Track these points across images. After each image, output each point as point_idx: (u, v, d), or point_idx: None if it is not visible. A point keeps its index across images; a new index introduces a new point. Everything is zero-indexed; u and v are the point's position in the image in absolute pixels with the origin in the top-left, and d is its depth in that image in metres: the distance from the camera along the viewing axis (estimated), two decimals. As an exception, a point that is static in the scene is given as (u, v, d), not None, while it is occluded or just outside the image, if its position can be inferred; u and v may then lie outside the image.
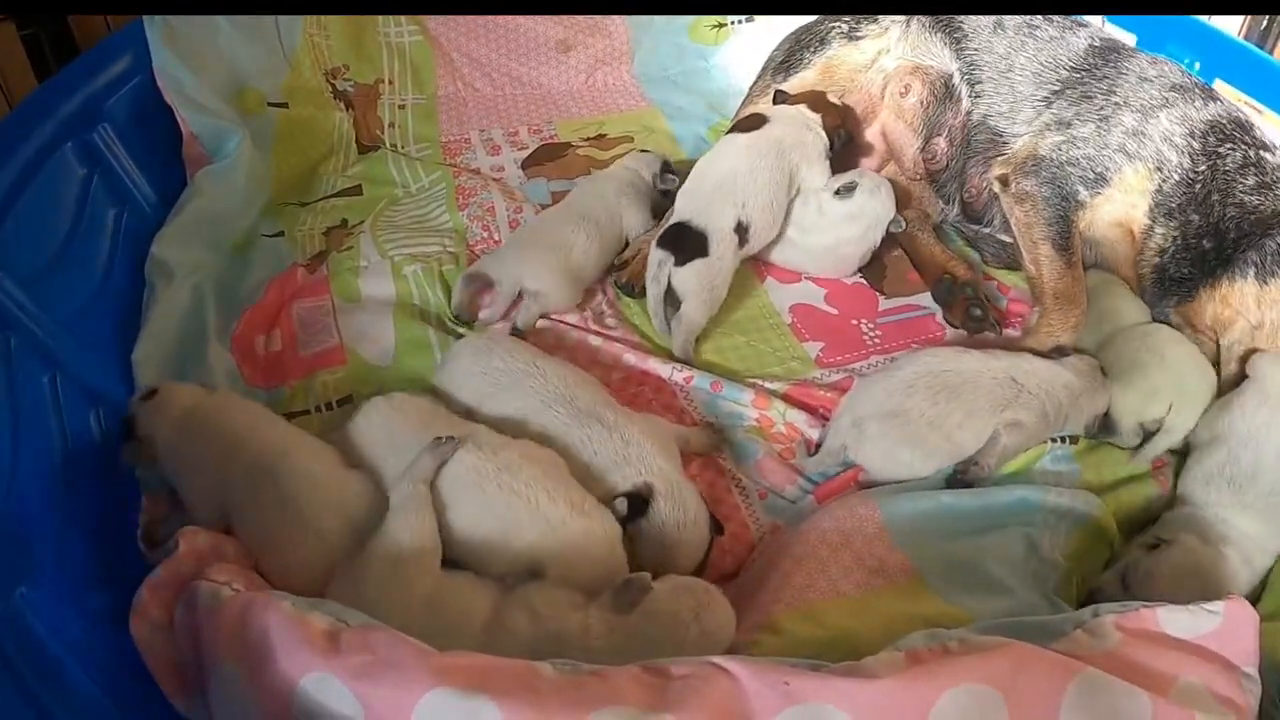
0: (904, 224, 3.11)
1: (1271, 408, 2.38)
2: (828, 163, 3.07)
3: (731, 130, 3.12)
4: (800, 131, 3.03)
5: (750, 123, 3.06)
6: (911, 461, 2.39)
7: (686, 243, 2.77)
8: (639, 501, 2.13)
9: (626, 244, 3.09)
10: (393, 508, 1.98)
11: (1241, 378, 2.56)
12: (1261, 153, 2.71)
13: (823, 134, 3.06)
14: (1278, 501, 2.29)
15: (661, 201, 3.15)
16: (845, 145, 3.15)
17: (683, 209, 2.87)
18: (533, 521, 1.99)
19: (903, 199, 3.16)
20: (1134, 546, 2.26)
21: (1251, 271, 2.58)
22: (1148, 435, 2.52)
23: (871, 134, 3.38)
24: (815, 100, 3.15)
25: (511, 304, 2.77)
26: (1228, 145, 2.71)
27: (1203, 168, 2.70)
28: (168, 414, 2.19)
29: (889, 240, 3.13)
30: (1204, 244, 2.68)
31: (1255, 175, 2.67)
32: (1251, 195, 2.64)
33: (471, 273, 2.81)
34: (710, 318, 2.82)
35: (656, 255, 2.78)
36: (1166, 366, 2.59)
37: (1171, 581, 2.08)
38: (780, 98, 3.22)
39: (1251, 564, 2.21)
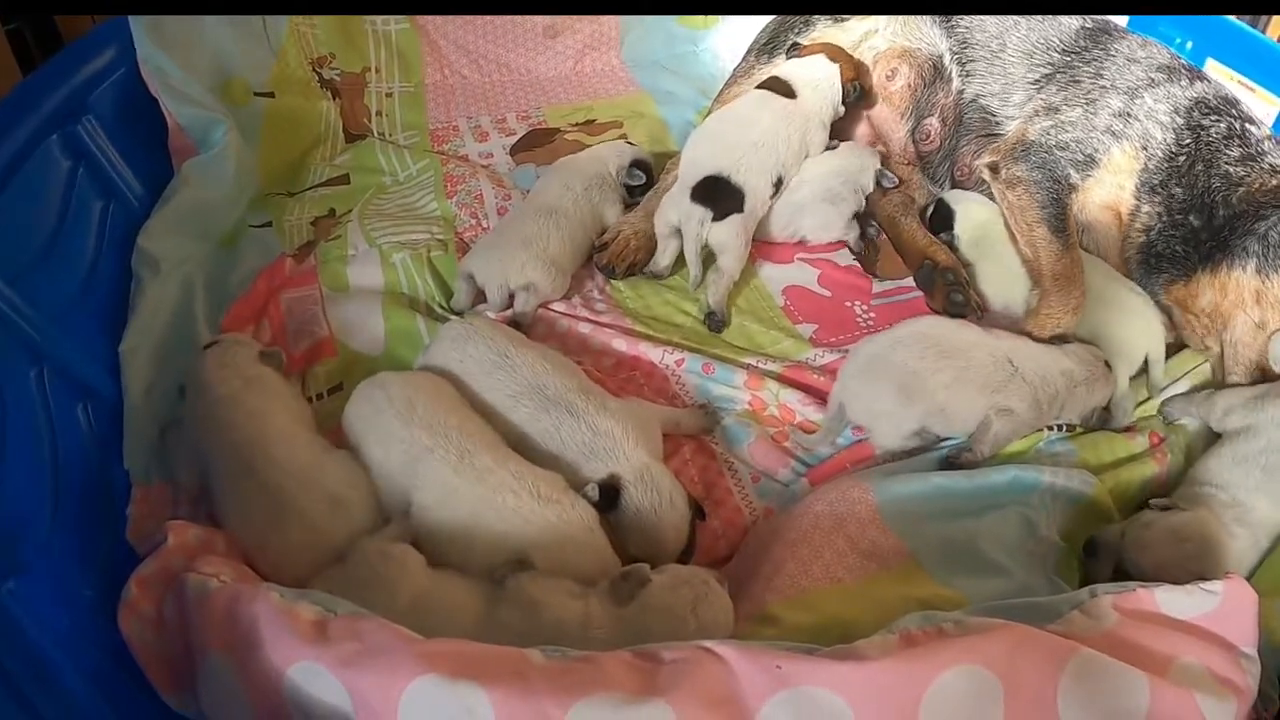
0: (897, 180, 3.13)
1: None
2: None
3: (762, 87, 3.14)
4: (824, 103, 3.09)
5: (778, 86, 3.08)
6: (890, 407, 2.39)
7: (722, 197, 2.79)
8: (609, 492, 2.14)
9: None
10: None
11: (1254, 376, 2.58)
12: (1247, 125, 2.72)
13: (839, 86, 3.10)
14: None
15: (626, 197, 3.14)
16: (858, 101, 3.18)
17: (709, 161, 2.86)
18: (502, 519, 2.01)
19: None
20: (1149, 505, 2.24)
21: (1253, 263, 2.57)
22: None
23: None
24: (833, 51, 3.15)
25: (506, 301, 2.76)
26: (1212, 117, 2.72)
27: (1187, 141, 2.71)
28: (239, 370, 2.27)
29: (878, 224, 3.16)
30: (1191, 220, 2.67)
31: (1240, 146, 2.67)
32: (1236, 166, 2.65)
33: (465, 271, 2.80)
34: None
35: (694, 211, 2.78)
36: (1124, 316, 2.68)
37: (1170, 541, 2.08)
38: (793, 49, 3.22)
39: (1259, 547, 2.21)
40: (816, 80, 3.09)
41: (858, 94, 3.15)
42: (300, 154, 3.46)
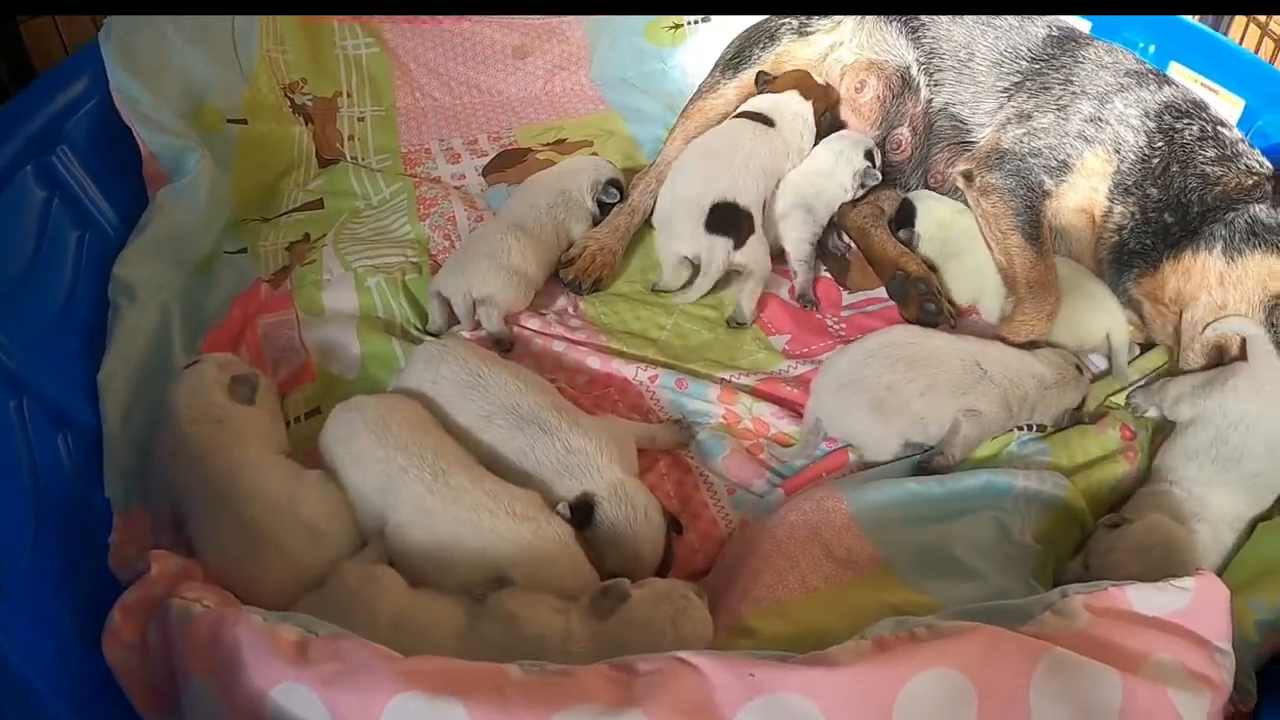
0: (879, 176, 3.14)
1: (1265, 399, 2.40)
2: None
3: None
4: (801, 136, 3.14)
5: (755, 118, 3.12)
6: (871, 427, 2.42)
7: (736, 224, 2.84)
8: (582, 509, 2.16)
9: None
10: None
11: (1211, 357, 2.60)
12: (1219, 128, 2.76)
13: (813, 124, 3.16)
14: (1260, 484, 2.32)
15: (597, 214, 3.17)
16: (831, 128, 3.21)
17: (708, 190, 2.88)
18: (479, 538, 2.02)
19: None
20: (1098, 526, 2.26)
21: (1219, 246, 2.60)
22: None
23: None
24: (803, 84, 3.19)
25: (473, 314, 2.77)
26: (1184, 120, 2.76)
27: (1160, 143, 2.74)
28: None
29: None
30: (1165, 218, 2.71)
31: (1214, 148, 2.71)
32: (1213, 166, 2.68)
33: (434, 291, 2.82)
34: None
35: (717, 244, 2.82)
36: (1082, 299, 2.76)
37: (1135, 556, 2.09)
38: (762, 78, 3.25)
39: (1220, 541, 2.23)
40: (792, 116, 3.13)
41: (831, 124, 3.20)
42: (274, 179, 3.47)
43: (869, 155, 3.12)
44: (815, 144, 3.17)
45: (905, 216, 3.08)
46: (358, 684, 1.56)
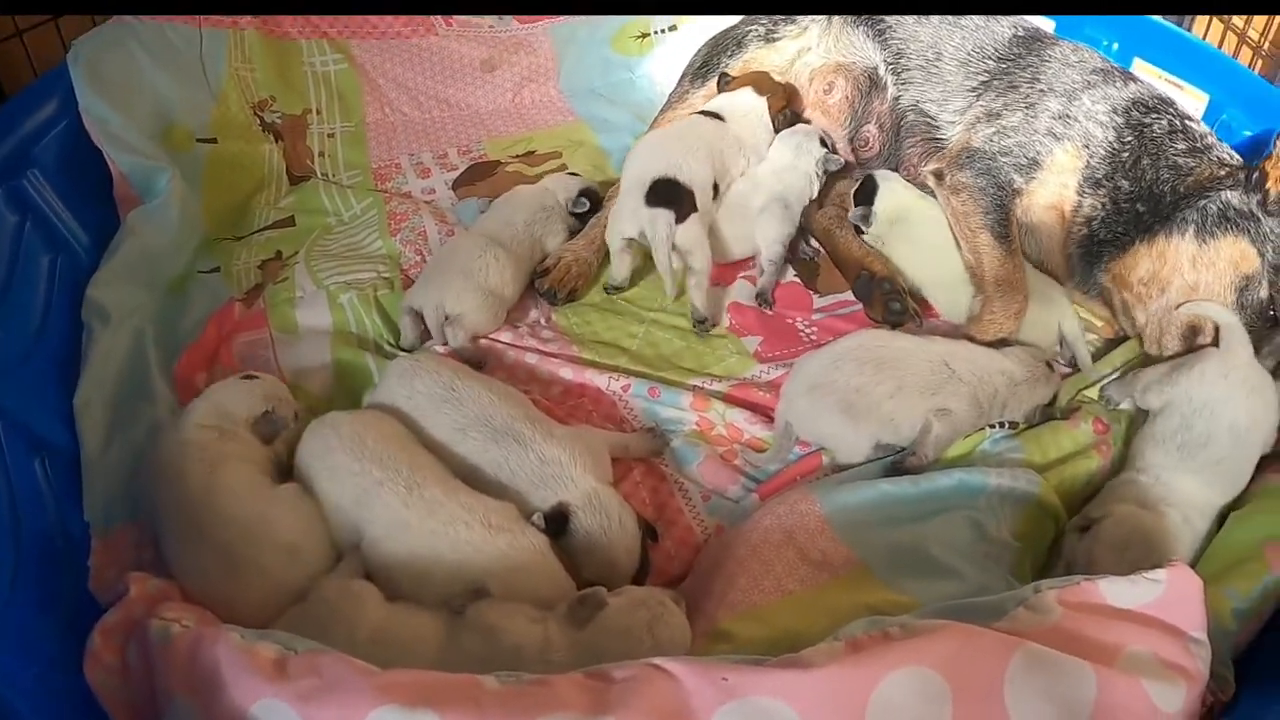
0: (842, 161, 3.17)
1: (1231, 384, 2.41)
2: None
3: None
4: (753, 133, 3.18)
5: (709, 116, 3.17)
6: (841, 430, 2.44)
7: (678, 197, 2.84)
8: (556, 520, 2.17)
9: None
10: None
11: (1186, 339, 2.63)
12: (1187, 121, 2.80)
13: (767, 117, 3.19)
14: (1224, 470, 2.34)
15: (575, 225, 3.20)
16: (792, 125, 3.23)
17: (651, 167, 2.91)
18: (455, 550, 2.03)
19: (824, 195, 3.24)
20: (1068, 534, 2.29)
21: (1191, 230, 2.63)
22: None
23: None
24: (760, 82, 3.22)
25: (442, 332, 2.78)
26: (1152, 115, 2.79)
27: (1129, 138, 2.77)
28: None
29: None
30: (1137, 208, 2.74)
31: (1184, 141, 2.74)
32: (1184, 158, 2.72)
33: (406, 306, 2.83)
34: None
35: (658, 215, 2.81)
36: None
37: (1115, 555, 2.11)
38: (725, 80, 3.28)
39: (1191, 524, 2.24)
40: (745, 111, 3.17)
41: (790, 120, 3.22)
42: (245, 198, 3.46)
43: (824, 143, 3.17)
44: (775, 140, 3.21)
45: (866, 193, 3.08)
46: (336, 699, 1.57)
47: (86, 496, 2.31)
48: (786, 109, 3.22)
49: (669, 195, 2.83)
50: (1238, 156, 2.74)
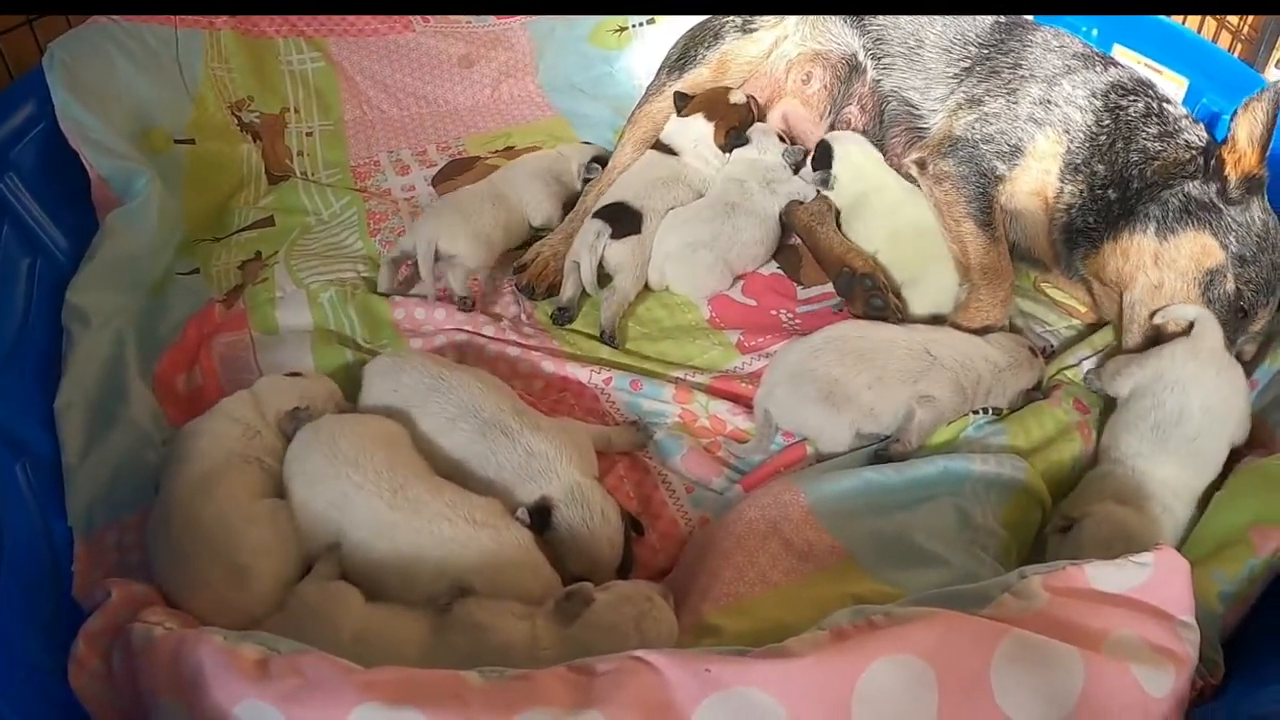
0: (802, 151, 3.19)
1: (1201, 362, 2.43)
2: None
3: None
4: (703, 162, 3.22)
5: (661, 148, 3.26)
6: (821, 419, 2.44)
7: (623, 219, 2.91)
8: (541, 514, 2.17)
9: (526, 245, 3.18)
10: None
11: (1151, 336, 2.63)
12: (1164, 104, 2.80)
13: (712, 144, 3.21)
14: (1198, 449, 2.34)
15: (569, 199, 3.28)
16: (742, 144, 3.22)
17: (617, 194, 3.02)
18: (440, 547, 2.03)
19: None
20: (1048, 534, 2.29)
21: (1152, 227, 2.64)
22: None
23: (772, 117, 3.43)
24: (711, 106, 3.25)
25: (431, 264, 2.87)
26: (1130, 98, 2.80)
27: (1107, 121, 2.78)
28: None
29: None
30: (1109, 194, 2.74)
31: (1158, 124, 2.75)
32: (1154, 142, 2.72)
33: (392, 256, 2.93)
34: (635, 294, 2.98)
35: (594, 225, 2.90)
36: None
37: (1099, 554, 2.06)
38: (680, 101, 3.28)
39: (1171, 511, 2.25)
40: (695, 139, 3.21)
41: (740, 141, 3.21)
42: (224, 198, 3.46)
43: (781, 139, 3.23)
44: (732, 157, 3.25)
45: (824, 157, 3.11)
46: (318, 698, 1.56)
47: (69, 501, 2.30)
48: (734, 130, 3.22)
49: (615, 214, 2.93)
50: (1206, 136, 2.75)
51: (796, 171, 3.16)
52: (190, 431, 2.24)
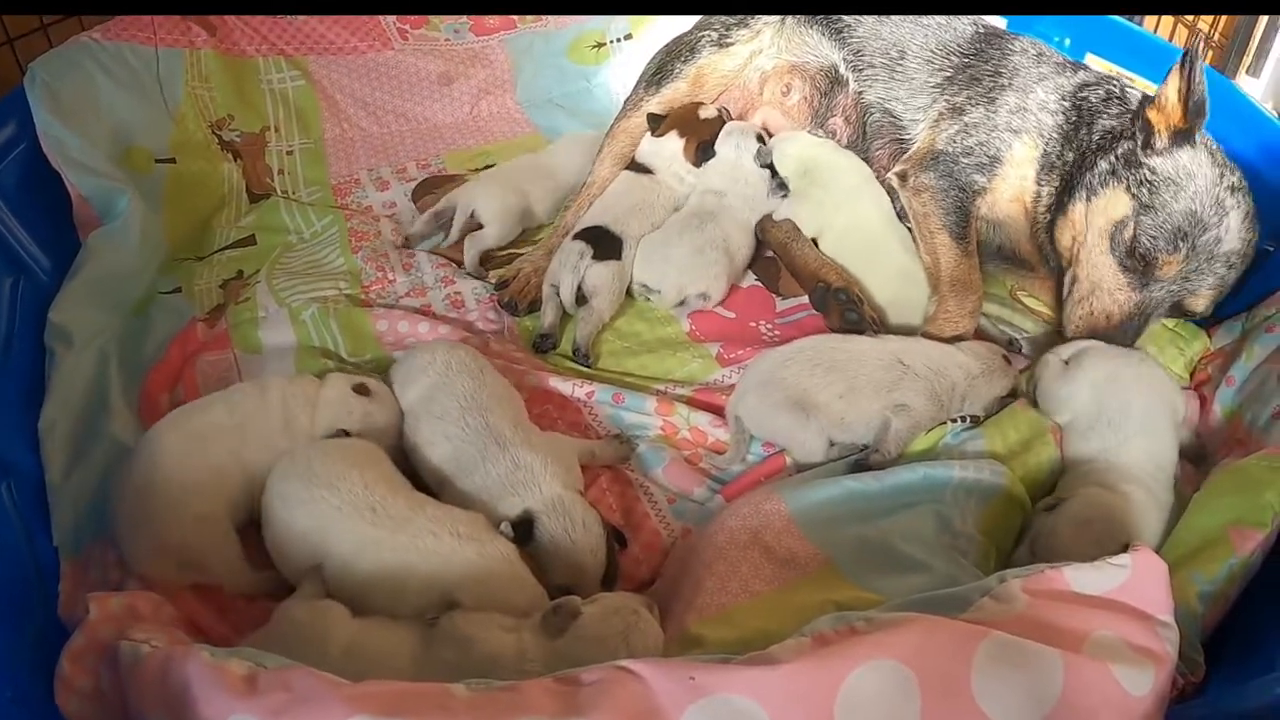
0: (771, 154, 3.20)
1: (1113, 352, 2.56)
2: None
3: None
4: (677, 180, 3.26)
5: (635, 167, 3.29)
6: (791, 428, 2.47)
7: (605, 243, 2.93)
8: (524, 527, 2.18)
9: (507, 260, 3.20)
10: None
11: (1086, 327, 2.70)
12: (1126, 88, 2.84)
13: (682, 159, 3.25)
14: (1152, 419, 2.42)
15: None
16: (709, 158, 3.25)
17: (597, 217, 3.04)
18: (425, 562, 2.04)
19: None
20: (1036, 513, 2.31)
21: (1084, 193, 2.70)
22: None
23: (751, 125, 3.43)
24: (683, 123, 3.28)
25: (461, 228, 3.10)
26: (1092, 87, 2.85)
27: (1074, 116, 2.83)
28: None
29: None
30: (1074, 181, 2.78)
31: (1119, 105, 2.79)
32: (1113, 120, 2.77)
33: (436, 209, 3.22)
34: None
35: (576, 246, 2.92)
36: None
37: (1077, 531, 2.14)
38: (654, 121, 3.31)
39: (1155, 496, 2.28)
40: (670, 157, 3.24)
41: (708, 155, 3.24)
42: (205, 217, 3.46)
43: (760, 138, 3.23)
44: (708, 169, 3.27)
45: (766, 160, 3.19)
46: (307, 712, 1.56)
47: (54, 520, 2.29)
48: (707, 142, 3.25)
49: (596, 237, 2.95)
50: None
51: (773, 175, 3.18)
52: (258, 387, 2.42)
